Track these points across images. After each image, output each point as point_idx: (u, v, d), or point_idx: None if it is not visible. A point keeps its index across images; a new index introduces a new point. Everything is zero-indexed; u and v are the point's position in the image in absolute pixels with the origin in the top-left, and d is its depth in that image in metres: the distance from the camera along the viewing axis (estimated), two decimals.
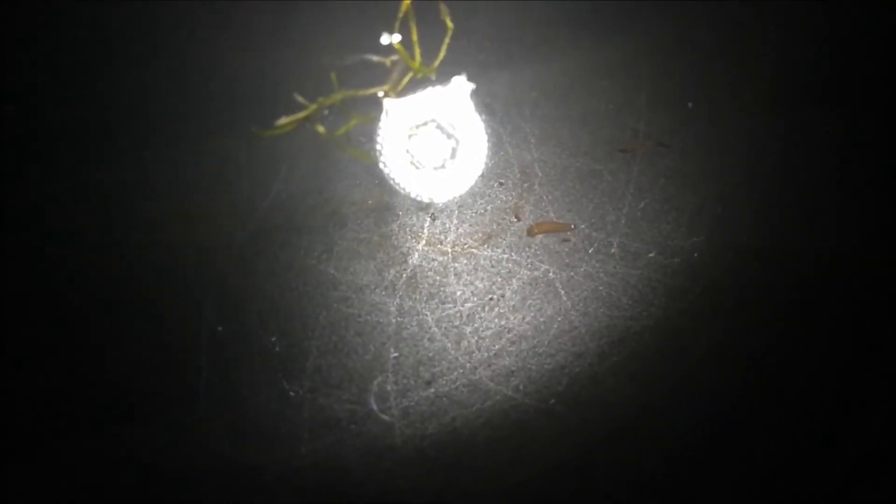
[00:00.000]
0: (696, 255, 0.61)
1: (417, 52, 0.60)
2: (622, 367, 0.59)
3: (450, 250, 0.62)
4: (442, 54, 0.61)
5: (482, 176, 0.63)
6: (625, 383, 0.59)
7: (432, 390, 0.59)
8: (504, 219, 0.63)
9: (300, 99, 0.49)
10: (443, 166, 0.62)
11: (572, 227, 0.61)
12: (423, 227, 0.63)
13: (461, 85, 0.59)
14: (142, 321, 0.60)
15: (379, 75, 0.58)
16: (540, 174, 0.64)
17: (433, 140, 0.63)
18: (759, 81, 0.64)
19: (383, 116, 0.60)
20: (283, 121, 0.49)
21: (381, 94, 0.50)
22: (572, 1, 0.64)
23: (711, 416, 0.59)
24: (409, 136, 0.62)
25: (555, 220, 0.62)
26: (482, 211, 0.63)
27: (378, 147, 0.60)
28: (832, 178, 0.63)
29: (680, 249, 0.61)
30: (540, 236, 0.62)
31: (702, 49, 0.64)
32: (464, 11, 0.61)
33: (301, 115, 0.49)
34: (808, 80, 0.64)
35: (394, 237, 0.62)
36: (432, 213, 0.63)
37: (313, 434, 0.58)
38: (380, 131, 0.61)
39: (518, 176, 0.64)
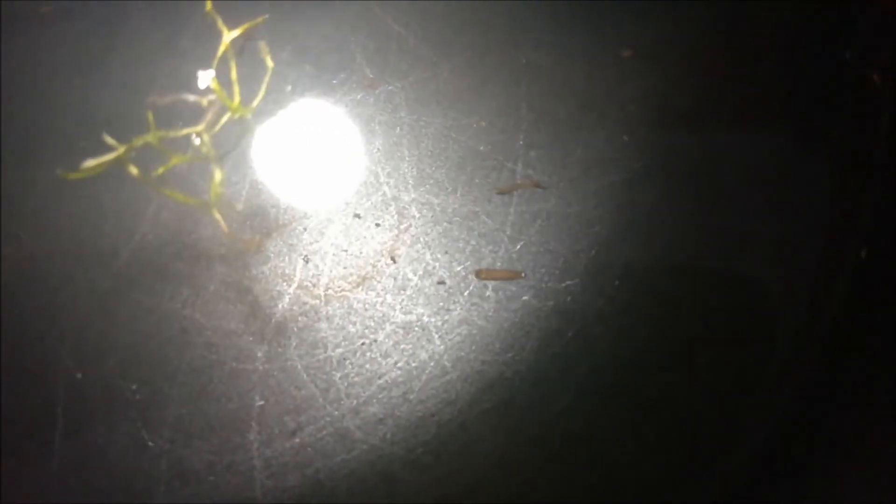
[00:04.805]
0: (569, 298, 0.60)
1: (237, 90, 0.59)
2: (491, 415, 0.58)
3: (322, 294, 0.61)
4: (262, 94, 0.60)
5: (358, 217, 0.62)
6: (492, 432, 0.57)
7: (297, 440, 0.58)
8: (379, 261, 0.62)
9: (109, 140, 0.47)
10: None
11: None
12: (295, 270, 0.61)
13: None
14: None
15: (198, 114, 0.57)
16: (417, 215, 0.62)
17: None
18: (637, 127, 0.63)
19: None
20: (90, 163, 0.47)
21: (194, 135, 0.49)
22: (448, 36, 0.64)
23: (579, 465, 0.57)
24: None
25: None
26: (357, 253, 0.62)
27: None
28: (708, 221, 0.63)
29: (553, 293, 0.60)
30: (415, 279, 0.61)
31: (578, 92, 0.64)
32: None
33: (110, 156, 0.47)
34: (691, 112, 0.64)
35: (264, 280, 0.61)
36: (305, 256, 0.61)
37: (170, 486, 0.56)
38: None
39: (395, 217, 0.63)
